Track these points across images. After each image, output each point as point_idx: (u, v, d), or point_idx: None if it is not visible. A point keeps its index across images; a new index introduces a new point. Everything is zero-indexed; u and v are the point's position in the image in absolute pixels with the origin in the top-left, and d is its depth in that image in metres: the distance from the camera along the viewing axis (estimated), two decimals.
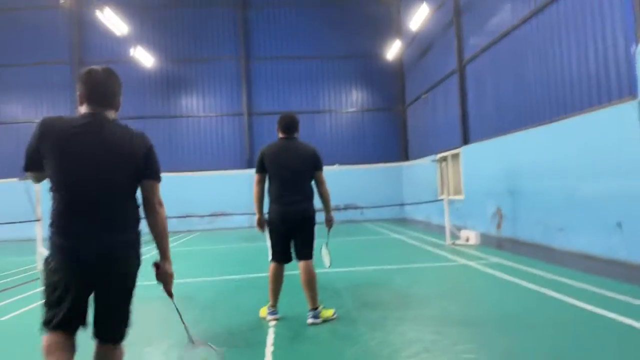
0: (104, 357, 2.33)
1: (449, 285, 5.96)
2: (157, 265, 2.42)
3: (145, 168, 2.28)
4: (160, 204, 2.41)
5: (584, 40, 7.69)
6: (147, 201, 2.31)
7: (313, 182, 4.53)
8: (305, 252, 4.43)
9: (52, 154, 2.10)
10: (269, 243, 4.51)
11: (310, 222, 4.42)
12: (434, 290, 5.46)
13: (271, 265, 4.49)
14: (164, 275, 2.44)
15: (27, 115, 18.02)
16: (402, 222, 17.31)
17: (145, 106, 18.49)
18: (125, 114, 18.28)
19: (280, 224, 4.39)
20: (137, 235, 2.30)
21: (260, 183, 4.54)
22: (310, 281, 4.37)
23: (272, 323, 4.33)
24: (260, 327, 4.24)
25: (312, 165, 4.46)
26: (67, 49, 18.29)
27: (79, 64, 18.14)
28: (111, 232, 2.14)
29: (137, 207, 2.34)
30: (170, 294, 2.52)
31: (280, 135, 4.58)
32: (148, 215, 2.37)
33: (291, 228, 4.41)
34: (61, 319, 2.10)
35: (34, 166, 2.20)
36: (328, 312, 4.43)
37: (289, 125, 4.52)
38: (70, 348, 2.16)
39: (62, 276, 2.10)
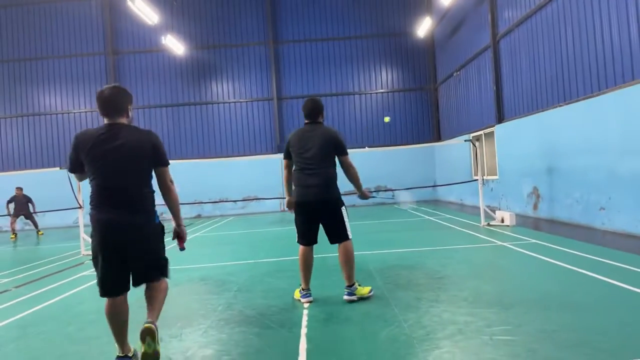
0: (152, 290, 3.18)
1: (483, 266, 5.87)
2: (175, 232, 3.29)
3: (153, 157, 3.03)
4: (172, 182, 3.19)
5: (624, 10, 7.31)
6: (162, 182, 3.13)
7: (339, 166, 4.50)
8: (337, 235, 4.47)
9: (86, 158, 2.94)
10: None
11: (332, 205, 4.43)
12: (467, 272, 5.39)
13: (300, 249, 4.57)
14: (181, 233, 3.30)
15: (65, 106, 18.64)
16: (435, 203, 17.10)
17: (177, 93, 18.80)
18: (158, 101, 18.68)
19: (300, 208, 4.47)
20: (150, 209, 3.09)
21: (288, 168, 4.65)
22: (347, 260, 4.43)
23: (306, 305, 4.38)
24: (293, 308, 4.30)
25: (331, 149, 4.45)
26: (101, 40, 18.73)
27: (113, 54, 18.56)
28: (131, 208, 2.95)
29: (151, 191, 3.09)
30: (182, 248, 3.39)
31: (305, 120, 4.59)
32: (164, 194, 3.20)
33: (312, 211, 4.45)
34: (109, 289, 3.00)
35: (76, 169, 3.06)
36: (364, 290, 4.49)
37: (310, 110, 4.53)
38: (122, 306, 3.09)
39: (100, 243, 2.91)
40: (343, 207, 4.52)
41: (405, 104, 19.14)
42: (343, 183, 4.66)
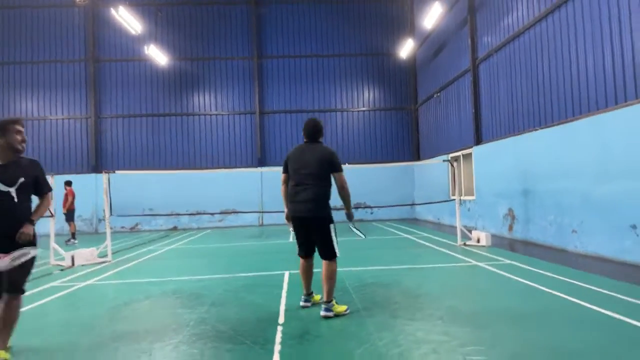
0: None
1: (459, 286, 5.90)
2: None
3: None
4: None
5: (599, 40, 7.58)
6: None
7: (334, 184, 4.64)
8: (323, 252, 4.57)
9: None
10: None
11: (320, 222, 4.48)
12: (443, 291, 5.41)
13: (300, 260, 4.84)
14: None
15: (42, 112, 18.27)
16: (413, 222, 17.22)
17: (158, 104, 18.64)
18: (138, 111, 18.48)
19: (293, 222, 4.66)
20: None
21: (285, 182, 4.80)
22: (329, 277, 4.50)
23: (281, 321, 4.33)
24: (268, 324, 4.24)
25: (326, 167, 4.57)
26: (82, 47, 18.51)
27: (94, 61, 18.34)
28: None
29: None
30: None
31: (304, 139, 4.78)
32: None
33: (303, 225, 4.61)
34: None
35: None
36: (341, 308, 4.51)
37: (309, 131, 4.73)
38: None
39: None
40: (331, 225, 4.56)
41: (386, 122, 19.36)
42: (335, 198, 4.71)
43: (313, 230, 4.57)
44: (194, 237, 14.03)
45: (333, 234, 4.56)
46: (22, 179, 3.46)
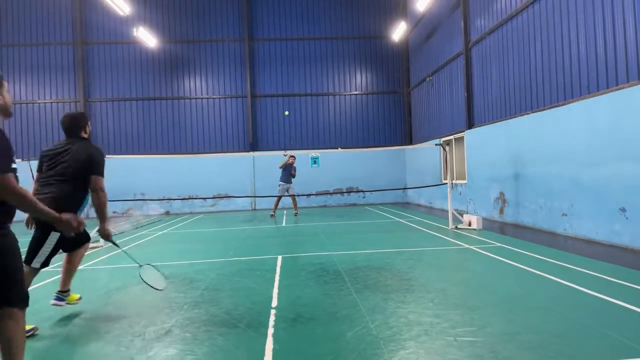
0: None
1: (450, 268, 5.97)
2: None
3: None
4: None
5: (592, 23, 7.56)
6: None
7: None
8: None
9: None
10: None
11: None
12: (435, 274, 5.47)
13: None
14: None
15: (30, 96, 17.99)
16: (405, 206, 17.30)
17: (147, 87, 18.41)
18: (127, 94, 18.26)
19: None
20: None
21: None
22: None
23: (274, 305, 4.35)
24: (261, 308, 4.26)
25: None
26: (70, 30, 18.16)
27: (82, 44, 18.03)
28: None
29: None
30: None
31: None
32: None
33: None
34: None
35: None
36: (74, 297, 4.47)
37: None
38: None
39: None
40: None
41: (378, 106, 19.30)
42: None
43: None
44: (186, 222, 14.01)
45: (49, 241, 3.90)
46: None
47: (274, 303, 4.42)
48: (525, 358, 2.91)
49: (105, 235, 4.07)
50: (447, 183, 10.04)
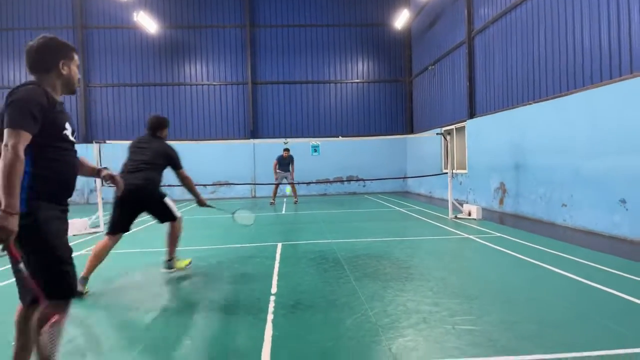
0: None
1: (449, 258, 5.99)
2: None
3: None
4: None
5: (596, 13, 7.49)
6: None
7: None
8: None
9: None
10: None
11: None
12: (434, 263, 5.49)
13: None
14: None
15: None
16: (405, 195, 17.31)
17: (148, 73, 18.30)
18: (128, 80, 18.15)
19: None
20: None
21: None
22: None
23: (274, 291, 4.37)
24: (261, 295, 4.28)
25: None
26: (69, 13, 18.00)
27: (82, 28, 17.89)
28: None
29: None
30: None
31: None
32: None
33: None
34: None
35: None
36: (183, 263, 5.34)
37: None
38: None
39: None
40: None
41: (379, 95, 19.21)
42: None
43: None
44: (186, 209, 14.03)
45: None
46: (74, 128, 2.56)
47: (274, 290, 4.44)
48: (524, 347, 2.92)
49: (202, 204, 5.67)
50: (447, 173, 10.03)
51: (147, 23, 16.59)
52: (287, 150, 14.17)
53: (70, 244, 2.40)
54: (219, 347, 3.10)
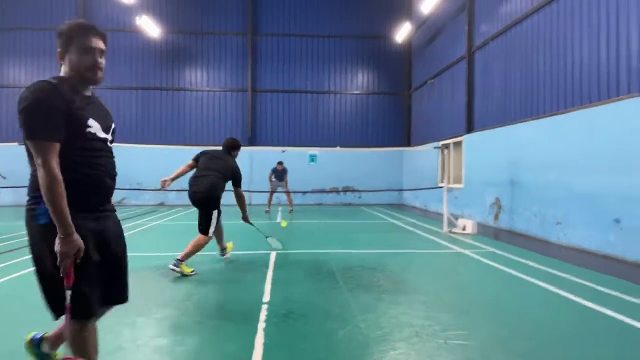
0: None
1: (443, 272, 5.98)
2: None
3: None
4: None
5: (596, 33, 7.57)
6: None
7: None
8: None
9: None
10: None
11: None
12: (427, 276, 5.47)
13: None
14: None
15: (30, 80, 17.87)
16: (400, 207, 17.32)
17: (148, 77, 18.32)
18: (127, 83, 18.17)
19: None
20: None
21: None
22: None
23: (266, 299, 4.34)
24: (253, 302, 4.25)
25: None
26: (72, 15, 18.03)
27: None
28: None
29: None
30: None
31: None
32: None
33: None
34: None
35: None
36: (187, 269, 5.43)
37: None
38: None
39: None
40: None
41: (378, 107, 19.28)
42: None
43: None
44: (181, 214, 13.98)
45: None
46: (113, 124, 2.35)
47: (266, 298, 4.41)
48: None
49: (246, 220, 6.49)
50: (443, 186, 10.05)
51: (150, 27, 16.65)
52: (280, 163, 14.31)
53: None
54: (209, 354, 3.07)
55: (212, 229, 5.65)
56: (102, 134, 2.15)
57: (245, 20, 18.61)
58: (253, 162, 17.99)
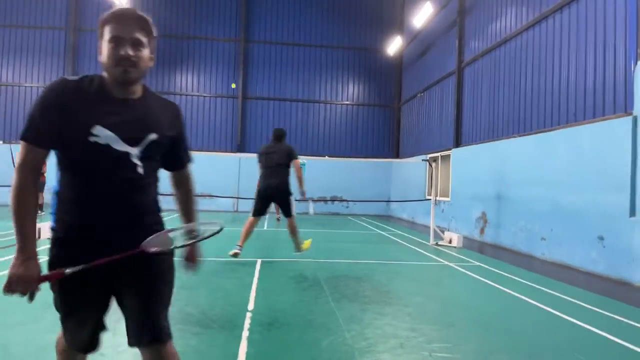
0: None
1: (428, 284, 5.98)
2: None
3: None
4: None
5: (583, 54, 7.72)
6: None
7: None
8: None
9: None
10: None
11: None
12: (413, 288, 5.48)
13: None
14: None
15: (16, 78, 17.65)
16: (387, 219, 17.36)
17: None
18: None
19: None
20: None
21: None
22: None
23: (250, 308, 4.30)
24: (237, 310, 4.21)
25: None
26: (64, 15, 17.91)
27: (75, 30, 17.79)
28: None
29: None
30: None
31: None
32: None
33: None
34: None
35: None
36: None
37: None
38: None
39: None
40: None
41: (368, 118, 19.40)
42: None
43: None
44: (167, 219, 13.84)
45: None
46: (153, 135, 1.79)
47: (251, 306, 4.37)
48: None
49: (303, 193, 7.11)
50: (430, 199, 10.10)
51: None
52: None
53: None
54: None
55: (293, 210, 6.93)
56: (120, 146, 1.67)
57: (238, 27, 18.65)
58: (242, 169, 17.92)
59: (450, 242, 9.51)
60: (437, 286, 5.93)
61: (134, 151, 1.73)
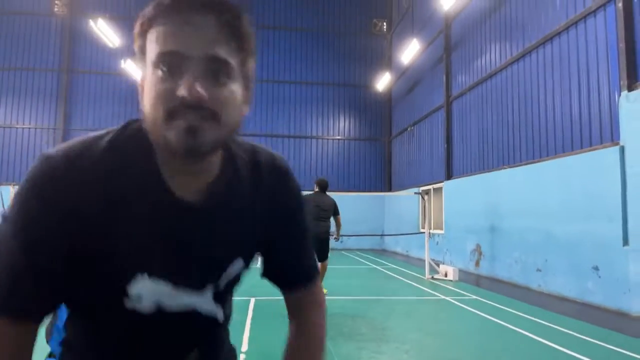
0: None
1: (425, 319, 5.88)
2: None
3: None
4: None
5: (568, 86, 7.90)
6: None
7: None
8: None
9: None
10: None
11: None
12: (410, 324, 5.38)
13: None
14: None
15: (8, 120, 17.68)
16: (382, 253, 17.23)
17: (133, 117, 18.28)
18: (110, 126, 18.02)
19: None
20: None
21: None
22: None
23: (244, 349, 4.18)
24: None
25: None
26: (57, 58, 18.15)
27: (68, 72, 18.00)
28: None
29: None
30: None
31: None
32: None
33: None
34: None
35: None
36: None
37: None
38: None
39: None
40: None
41: (359, 152, 19.56)
42: None
43: None
44: None
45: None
46: (238, 263, 1.00)
47: (244, 347, 4.25)
48: None
49: (338, 239, 7.99)
50: (424, 232, 10.07)
51: (134, 71, 16.81)
52: None
53: None
54: None
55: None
56: (178, 299, 0.86)
57: None
58: None
59: (445, 275, 9.42)
60: (434, 321, 5.83)
61: (205, 297, 0.92)
